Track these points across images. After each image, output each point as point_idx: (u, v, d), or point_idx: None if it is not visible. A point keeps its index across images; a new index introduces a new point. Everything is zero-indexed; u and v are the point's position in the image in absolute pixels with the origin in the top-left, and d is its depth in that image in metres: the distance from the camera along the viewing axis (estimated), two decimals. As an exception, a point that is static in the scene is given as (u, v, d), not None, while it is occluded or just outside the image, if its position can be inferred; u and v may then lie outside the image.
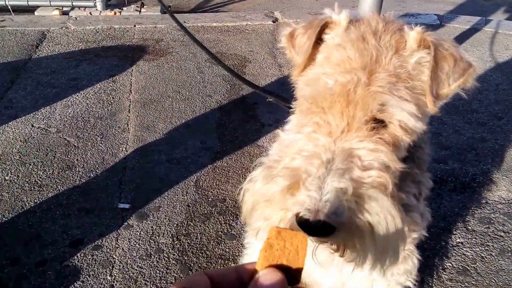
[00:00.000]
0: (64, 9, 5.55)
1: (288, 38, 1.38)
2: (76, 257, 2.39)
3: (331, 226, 0.99)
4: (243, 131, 3.47)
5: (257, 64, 4.43)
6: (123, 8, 5.76)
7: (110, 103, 3.75)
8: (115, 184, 2.91)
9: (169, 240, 2.52)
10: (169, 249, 2.46)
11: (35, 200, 2.74)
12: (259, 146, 3.31)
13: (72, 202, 2.75)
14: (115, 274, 2.31)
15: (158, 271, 2.34)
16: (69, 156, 3.13)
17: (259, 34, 5.10)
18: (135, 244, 2.49)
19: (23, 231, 2.53)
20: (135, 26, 5.18)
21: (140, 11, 5.68)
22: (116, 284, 2.26)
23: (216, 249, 2.49)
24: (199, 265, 2.39)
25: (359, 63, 1.15)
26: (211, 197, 2.84)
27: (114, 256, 2.41)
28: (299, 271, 0.70)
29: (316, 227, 0.99)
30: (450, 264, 2.37)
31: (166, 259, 2.41)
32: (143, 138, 3.34)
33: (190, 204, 2.77)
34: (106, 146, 3.24)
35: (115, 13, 5.57)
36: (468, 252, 2.45)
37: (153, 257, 2.42)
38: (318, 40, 1.30)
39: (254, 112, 3.70)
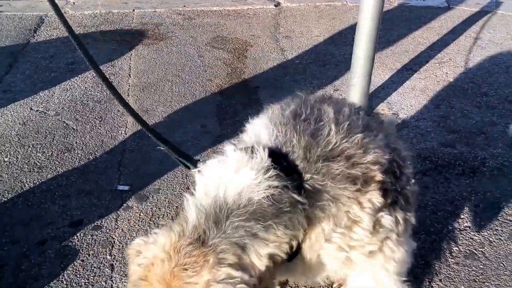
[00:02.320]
0: (63, -6, 5.49)
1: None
2: (75, 237, 2.38)
3: None
4: (245, 115, 3.42)
5: (259, 48, 4.39)
6: (122, -7, 5.69)
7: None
8: (114, 167, 2.89)
9: (169, 222, 2.51)
10: (169, 230, 2.45)
11: (35, 181, 2.72)
12: (259, 129, 3.28)
13: (72, 184, 2.73)
14: (115, 254, 2.30)
15: (158, 252, 2.32)
16: (68, 139, 3.11)
17: (260, 18, 5.06)
18: (134, 225, 2.47)
19: (23, 211, 2.52)
20: (134, 10, 5.14)
21: (139, -4, 5.62)
22: (115, 264, 2.25)
23: (217, 230, 2.47)
24: (200, 245, 2.38)
25: None
26: (211, 180, 2.82)
27: (113, 237, 2.40)
28: None
29: None
30: (457, 248, 2.31)
31: (166, 240, 2.39)
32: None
33: (190, 187, 2.76)
34: (105, 129, 3.22)
35: (114, -2, 5.52)
36: (476, 236, 2.38)
37: (153, 238, 2.40)
38: None
39: (256, 96, 3.67)
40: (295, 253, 1.35)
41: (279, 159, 1.27)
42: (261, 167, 1.22)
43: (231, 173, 1.24)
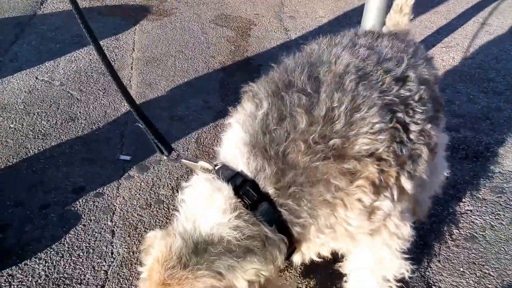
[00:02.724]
0: (69, -34, 5.49)
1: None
2: (78, 203, 2.45)
3: None
4: (245, 92, 3.48)
5: (263, 27, 4.41)
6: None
7: (112, 60, 3.76)
8: (117, 137, 2.95)
9: (169, 192, 2.57)
10: (169, 201, 2.51)
11: (39, 148, 2.79)
12: (260, 107, 3.33)
13: (75, 152, 2.79)
14: (116, 220, 2.37)
15: (158, 220, 2.39)
16: (72, 109, 3.16)
17: (264, -2, 5.07)
18: (135, 194, 2.54)
19: (27, 176, 2.59)
20: (140, -15, 5.14)
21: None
22: (116, 230, 2.32)
23: (215, 201, 2.54)
24: (198, 215, 2.44)
25: None
26: (212, 154, 2.87)
27: (115, 204, 2.47)
28: None
29: None
30: (458, 231, 2.32)
31: (166, 209, 2.46)
32: (145, 94, 3.37)
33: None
34: (109, 101, 3.27)
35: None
36: (477, 220, 2.39)
37: (153, 207, 2.47)
38: None
39: (259, 74, 3.70)
40: (292, 251, 1.43)
41: (249, 188, 1.30)
42: (229, 204, 1.27)
43: (203, 208, 1.31)
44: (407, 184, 1.44)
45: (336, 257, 1.82)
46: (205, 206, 1.31)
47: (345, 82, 1.39)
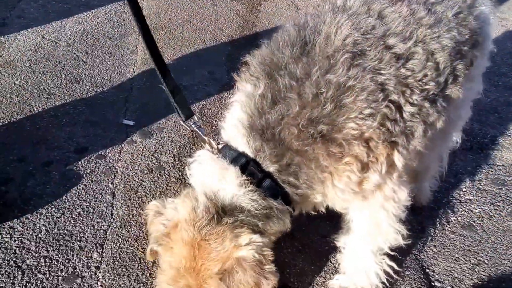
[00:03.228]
0: None
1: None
2: (80, 163, 2.47)
3: None
4: (252, 67, 3.48)
5: (273, 3, 4.37)
6: None
7: (120, 24, 3.73)
8: (121, 102, 2.95)
9: (171, 159, 2.59)
10: (170, 168, 2.53)
11: (43, 106, 2.79)
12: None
13: (79, 113, 2.80)
14: (117, 183, 2.39)
15: (158, 186, 2.41)
16: (77, 70, 3.15)
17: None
18: (137, 159, 2.56)
19: (31, 133, 2.59)
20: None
21: None
22: (117, 192, 2.34)
23: (216, 171, 2.56)
24: (198, 184, 2.47)
25: None
26: (215, 126, 2.88)
27: (116, 167, 2.49)
28: None
29: None
30: (455, 219, 2.36)
31: (166, 176, 2.48)
32: (150, 61, 3.35)
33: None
34: (114, 65, 3.26)
35: None
36: (476, 209, 2.42)
37: (154, 172, 2.49)
38: None
39: (264, 50, 3.70)
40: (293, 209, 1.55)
41: (253, 168, 1.43)
42: (240, 181, 1.40)
43: (218, 183, 1.43)
44: (399, 161, 1.49)
45: (333, 230, 1.87)
46: (219, 182, 1.42)
47: (337, 63, 1.38)
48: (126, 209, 2.25)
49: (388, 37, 1.47)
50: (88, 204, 2.26)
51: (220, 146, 1.51)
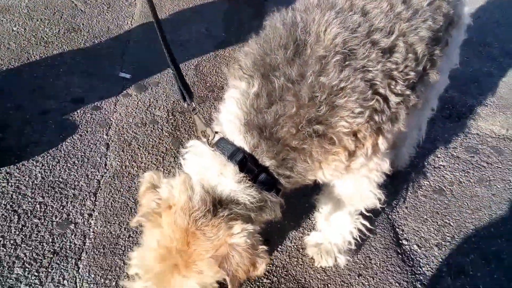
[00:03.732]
0: None
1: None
2: (76, 113, 2.54)
3: None
4: (250, 27, 3.49)
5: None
6: None
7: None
8: (118, 54, 2.98)
9: (165, 114, 2.66)
10: (163, 122, 2.61)
11: (41, 55, 2.83)
12: (262, 42, 3.35)
13: (76, 63, 2.84)
14: (111, 135, 2.47)
15: (151, 139, 2.50)
16: (75, 19, 3.16)
17: None
18: (132, 112, 2.62)
19: (28, 81, 2.65)
20: None
21: None
22: (111, 143, 2.43)
23: (207, 128, 2.64)
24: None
25: None
26: (209, 83, 2.94)
27: (111, 119, 2.56)
28: None
29: None
30: (428, 183, 2.49)
31: (159, 130, 2.56)
32: (148, 14, 3.36)
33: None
34: (112, 17, 3.27)
35: None
36: (448, 175, 2.55)
37: (147, 126, 2.57)
38: None
39: (264, 9, 3.70)
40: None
41: (251, 164, 1.50)
42: (238, 177, 1.47)
43: (216, 177, 1.49)
44: (382, 145, 1.61)
45: (314, 190, 1.99)
46: (218, 177, 1.50)
47: (329, 64, 1.47)
48: (119, 160, 2.34)
49: (373, 33, 1.57)
50: (83, 154, 2.34)
51: (216, 139, 1.57)
